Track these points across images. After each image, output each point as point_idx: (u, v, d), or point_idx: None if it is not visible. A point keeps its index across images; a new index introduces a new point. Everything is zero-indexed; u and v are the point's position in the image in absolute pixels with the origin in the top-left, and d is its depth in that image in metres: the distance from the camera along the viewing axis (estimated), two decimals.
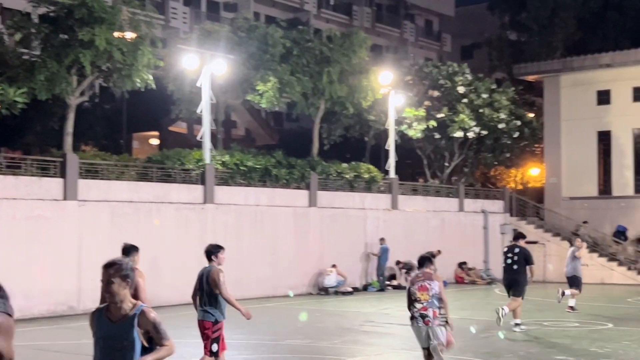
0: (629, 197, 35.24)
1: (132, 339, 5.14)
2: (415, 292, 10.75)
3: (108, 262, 5.30)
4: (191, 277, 23.81)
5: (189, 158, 24.11)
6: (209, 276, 10.30)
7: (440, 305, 10.59)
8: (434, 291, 10.61)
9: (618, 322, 18.28)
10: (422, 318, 10.60)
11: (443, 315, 10.59)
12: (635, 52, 35.04)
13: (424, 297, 10.72)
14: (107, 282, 5.21)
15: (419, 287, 10.80)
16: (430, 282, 10.76)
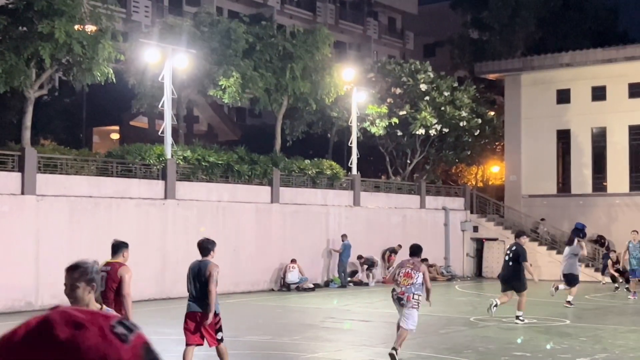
0: (587, 195, 35.77)
1: None
2: (400, 276, 12.03)
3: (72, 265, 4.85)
4: (152, 273, 23.77)
5: (150, 153, 23.90)
6: (206, 269, 10.60)
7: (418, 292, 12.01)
8: (416, 281, 11.93)
9: (575, 319, 18.55)
10: (398, 300, 12.10)
11: (417, 300, 11.97)
12: (595, 51, 35.55)
13: (404, 282, 12.02)
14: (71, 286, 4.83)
15: (404, 272, 12.08)
16: (416, 272, 12.02)
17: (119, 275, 9.66)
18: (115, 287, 9.68)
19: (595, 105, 35.64)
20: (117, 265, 9.82)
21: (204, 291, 10.52)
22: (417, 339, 15.03)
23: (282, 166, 27.96)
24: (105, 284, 9.61)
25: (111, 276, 9.66)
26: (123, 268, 9.78)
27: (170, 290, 23.46)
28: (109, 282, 9.66)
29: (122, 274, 9.67)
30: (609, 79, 35.27)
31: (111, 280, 9.66)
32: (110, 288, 9.66)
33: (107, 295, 9.59)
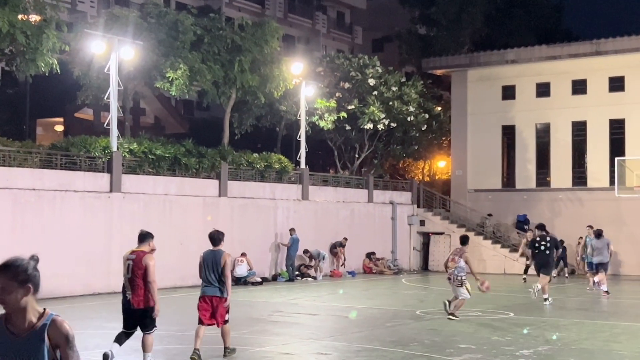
0: (531, 190, 36.41)
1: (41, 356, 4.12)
2: (448, 261, 16.64)
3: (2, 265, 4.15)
4: (97, 267, 23.41)
5: (95, 145, 23.56)
6: (220, 258, 11.85)
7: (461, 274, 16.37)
8: (459, 264, 16.37)
9: (519, 312, 18.87)
10: (448, 280, 16.83)
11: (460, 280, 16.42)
12: (539, 48, 36.16)
13: (451, 266, 16.48)
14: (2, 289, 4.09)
15: (451, 258, 16.63)
16: (459, 257, 16.45)
17: (144, 263, 10.62)
18: (141, 273, 10.60)
19: (540, 102, 36.28)
20: (141, 253, 10.81)
21: (220, 277, 11.74)
22: (363, 332, 15.12)
23: (230, 160, 27.83)
24: (132, 271, 10.61)
25: (136, 264, 10.64)
26: (147, 256, 10.78)
27: (117, 284, 23.12)
28: (135, 269, 10.62)
29: (147, 261, 10.65)
30: (553, 75, 35.93)
31: (137, 268, 10.62)
32: (137, 275, 10.61)
33: (134, 281, 10.61)
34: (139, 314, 10.78)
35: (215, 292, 11.74)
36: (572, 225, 34.54)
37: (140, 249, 10.97)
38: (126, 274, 10.76)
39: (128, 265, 10.73)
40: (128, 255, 10.94)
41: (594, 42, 34.67)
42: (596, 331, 15.47)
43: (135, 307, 10.72)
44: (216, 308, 11.74)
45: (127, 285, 10.78)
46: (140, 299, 10.70)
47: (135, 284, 10.63)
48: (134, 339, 11.19)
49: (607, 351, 12.89)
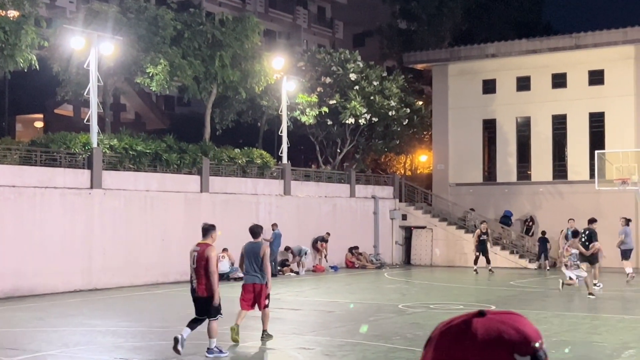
0: (512, 183, 36.57)
1: None
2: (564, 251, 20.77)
3: None
4: (78, 264, 23.28)
5: (76, 142, 23.40)
6: (260, 249, 13.25)
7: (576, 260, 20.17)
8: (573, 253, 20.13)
9: (501, 304, 18.97)
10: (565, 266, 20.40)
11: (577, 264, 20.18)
12: (519, 42, 36.29)
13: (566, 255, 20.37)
14: None
15: (565, 249, 20.62)
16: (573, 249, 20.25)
17: (206, 254, 11.53)
18: (204, 264, 11.52)
19: (520, 95, 36.42)
20: (204, 245, 11.71)
21: (260, 266, 13.13)
22: (346, 326, 15.15)
23: (211, 155, 27.75)
24: (197, 262, 11.57)
25: (200, 255, 11.59)
26: (209, 248, 11.66)
27: (97, 281, 23.08)
28: (199, 260, 11.58)
29: (208, 253, 11.55)
30: (533, 69, 36.08)
31: (200, 259, 11.57)
32: (201, 265, 11.54)
33: (198, 271, 11.57)
34: (203, 302, 11.68)
35: (255, 280, 13.19)
36: (553, 218, 34.74)
37: (204, 241, 11.85)
38: (192, 264, 11.72)
39: (193, 256, 11.69)
40: (194, 247, 11.89)
41: (574, 36, 34.85)
42: (577, 323, 15.58)
43: (199, 295, 11.69)
44: (258, 294, 13.14)
45: (192, 275, 11.78)
46: (204, 287, 11.63)
47: (199, 274, 11.60)
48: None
49: (588, 343, 12.99)
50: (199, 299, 11.74)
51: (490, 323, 1.45)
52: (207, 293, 11.63)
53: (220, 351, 11.85)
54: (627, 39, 33.72)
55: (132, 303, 19.76)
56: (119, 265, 23.78)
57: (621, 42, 33.86)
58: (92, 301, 19.89)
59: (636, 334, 14.04)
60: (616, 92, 34.18)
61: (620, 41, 33.87)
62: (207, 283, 11.58)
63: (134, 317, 16.47)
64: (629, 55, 33.96)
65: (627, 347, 12.59)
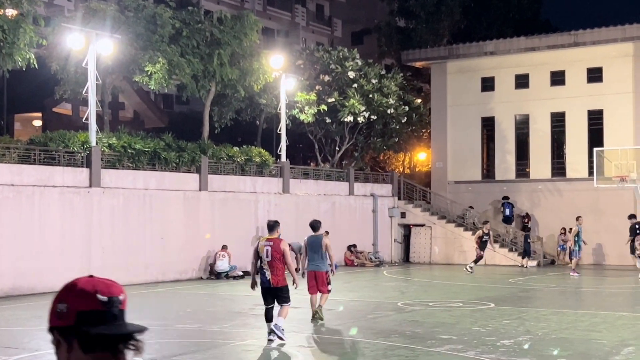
0: (511, 181, 36.58)
1: None
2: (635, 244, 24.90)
3: None
4: (77, 263, 23.25)
5: (74, 140, 23.38)
6: (321, 241, 15.24)
7: None
8: None
9: (499, 302, 18.98)
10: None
11: None
12: (518, 40, 36.29)
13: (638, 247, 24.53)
14: None
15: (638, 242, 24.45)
16: None
17: (282, 248, 12.57)
18: (280, 257, 12.52)
19: (519, 93, 36.43)
20: (277, 240, 12.67)
21: (321, 256, 15.15)
22: (345, 324, 15.16)
23: (210, 153, 27.74)
24: (272, 255, 12.51)
25: (275, 248, 12.53)
26: (283, 242, 12.73)
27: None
28: (275, 253, 12.52)
29: (284, 247, 12.60)
30: (531, 67, 36.09)
31: (276, 252, 12.51)
32: (276, 258, 12.51)
33: (273, 264, 12.50)
34: (277, 291, 12.66)
35: (317, 268, 15.15)
36: (551, 216, 34.80)
37: (273, 236, 12.78)
38: (266, 257, 12.57)
39: (267, 250, 12.56)
40: (264, 242, 12.73)
41: (572, 34, 34.85)
42: (576, 321, 15.60)
43: (274, 286, 12.59)
44: (319, 279, 15.09)
45: (266, 267, 12.60)
46: (279, 278, 12.60)
47: (274, 267, 12.53)
48: None
49: (587, 340, 13.01)
50: (275, 289, 12.63)
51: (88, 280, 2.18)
52: (281, 283, 12.64)
53: (283, 330, 12.61)
54: (625, 37, 33.73)
55: (131, 301, 19.61)
56: (118, 264, 23.77)
57: (620, 39, 33.87)
58: None
59: (635, 332, 14.06)
60: (615, 89, 34.19)
61: (619, 38, 33.88)
62: (282, 274, 12.61)
63: (133, 316, 16.37)
64: (627, 53, 33.96)
65: (625, 344, 12.61)
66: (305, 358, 11.57)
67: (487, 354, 11.63)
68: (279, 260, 12.55)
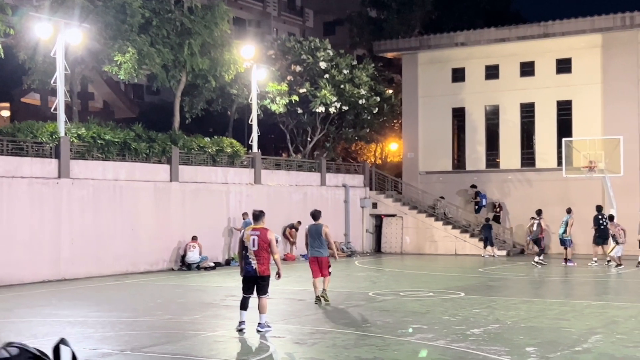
0: (481, 171, 36.83)
1: None
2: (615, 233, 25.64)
3: None
4: (46, 255, 23.05)
5: (43, 131, 23.14)
6: (321, 229, 16.56)
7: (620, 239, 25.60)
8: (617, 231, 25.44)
9: (469, 291, 19.13)
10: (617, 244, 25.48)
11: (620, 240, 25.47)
12: (488, 31, 36.48)
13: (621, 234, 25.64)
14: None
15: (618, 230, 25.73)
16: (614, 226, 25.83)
17: (269, 237, 12.66)
18: (266, 246, 12.63)
19: (489, 84, 36.65)
20: (264, 230, 12.73)
21: (321, 243, 16.56)
22: (317, 314, 15.19)
23: (181, 144, 27.59)
24: (258, 244, 12.61)
25: (262, 238, 12.64)
26: (270, 232, 12.80)
27: (66, 271, 22.89)
28: (261, 242, 12.62)
29: (270, 237, 12.71)
30: (501, 58, 36.32)
31: (262, 242, 12.62)
32: (263, 247, 12.62)
33: (260, 253, 12.62)
34: (261, 280, 12.74)
35: (319, 254, 16.60)
36: (521, 206, 35.10)
37: (259, 226, 12.85)
38: (252, 247, 12.67)
39: (253, 240, 12.65)
40: (250, 232, 12.77)
41: (542, 25, 35.11)
42: (545, 309, 15.76)
43: (259, 275, 12.69)
44: (321, 264, 16.55)
45: (252, 257, 12.69)
46: (264, 267, 12.70)
47: (261, 256, 12.64)
48: None
49: (556, 329, 13.15)
50: (257, 277, 12.71)
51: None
52: (266, 273, 12.73)
53: (269, 326, 12.79)
54: (594, 28, 34.06)
55: (102, 293, 19.64)
56: (88, 255, 23.60)
57: (589, 30, 34.19)
58: (60, 291, 19.73)
59: (602, 320, 14.25)
60: (583, 80, 34.53)
61: (588, 30, 34.20)
62: (267, 264, 12.71)
63: (103, 308, 16.37)
64: (596, 44, 34.30)
65: (593, 332, 12.77)
66: (276, 349, 11.58)
67: (457, 343, 11.72)
68: (265, 250, 12.67)
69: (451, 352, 11.09)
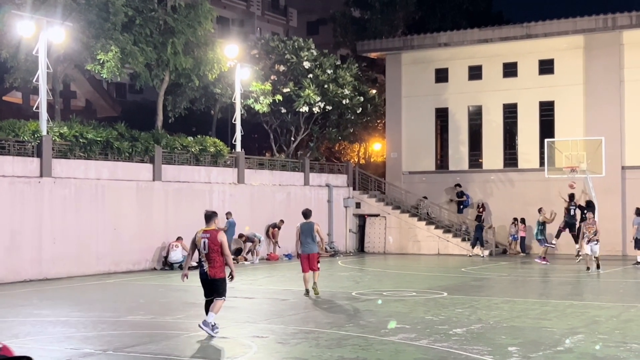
0: (464, 171, 36.96)
1: None
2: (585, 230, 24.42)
3: None
4: (27, 254, 22.89)
5: (25, 129, 22.99)
6: (313, 227, 17.68)
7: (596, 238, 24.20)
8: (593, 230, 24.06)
9: (452, 291, 19.19)
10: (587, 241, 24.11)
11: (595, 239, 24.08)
12: (471, 32, 36.61)
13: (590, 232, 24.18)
14: None
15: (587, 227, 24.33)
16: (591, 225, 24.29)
17: (219, 239, 12.24)
18: (217, 249, 12.25)
19: (472, 84, 36.79)
20: (214, 232, 12.37)
21: (312, 240, 17.66)
22: (300, 314, 15.19)
23: (164, 143, 27.49)
24: (209, 247, 12.26)
25: (212, 240, 12.26)
26: (220, 233, 12.40)
27: (48, 271, 22.76)
28: (212, 245, 12.26)
29: (221, 239, 12.28)
30: (484, 58, 36.46)
31: (213, 244, 12.25)
32: (213, 250, 12.26)
33: (210, 255, 12.29)
34: (214, 283, 12.44)
35: (310, 250, 17.72)
36: (503, 206, 35.26)
37: (210, 228, 12.46)
38: (203, 249, 12.34)
39: (204, 242, 12.31)
40: (201, 234, 12.44)
41: (525, 26, 35.28)
42: (527, 309, 15.84)
43: (211, 278, 12.38)
44: (311, 260, 17.71)
45: (204, 259, 12.40)
46: (217, 270, 12.35)
47: (212, 258, 12.30)
48: None
49: (538, 328, 13.22)
50: (212, 280, 12.44)
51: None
52: (219, 275, 12.41)
53: (214, 328, 12.39)
54: (576, 29, 34.27)
55: (83, 293, 19.54)
56: (70, 255, 23.48)
57: (571, 31, 34.39)
58: (42, 291, 19.61)
59: (584, 319, 14.34)
60: (566, 81, 34.74)
61: (570, 31, 34.40)
62: (219, 266, 12.38)
63: (85, 307, 16.29)
64: (578, 45, 34.51)
65: (575, 332, 12.85)
66: (259, 349, 11.56)
67: (440, 342, 11.76)
68: (217, 252, 12.30)
69: (434, 351, 11.12)
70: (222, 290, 12.59)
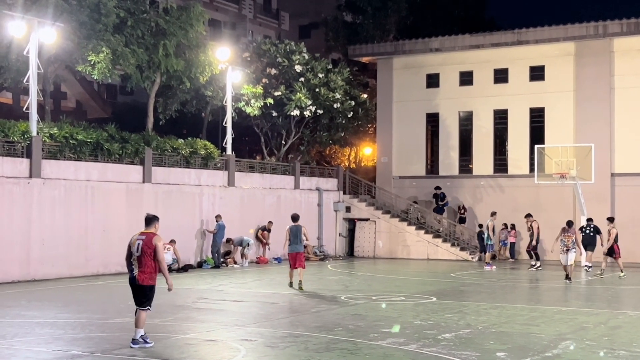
0: (454, 176, 37.04)
1: None
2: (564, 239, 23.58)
3: None
4: (16, 255, 22.79)
5: (14, 130, 22.89)
6: (301, 229, 20.34)
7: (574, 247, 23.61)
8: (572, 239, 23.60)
9: (441, 296, 19.21)
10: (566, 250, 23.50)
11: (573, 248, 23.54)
12: (463, 37, 36.71)
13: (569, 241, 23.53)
14: None
15: (566, 236, 23.56)
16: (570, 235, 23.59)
17: (154, 243, 11.62)
18: (150, 252, 11.61)
19: (463, 90, 36.88)
20: (150, 235, 11.76)
21: (300, 241, 20.31)
22: (289, 318, 15.18)
23: (154, 145, 27.43)
24: (142, 250, 11.63)
25: (146, 243, 11.63)
26: (156, 237, 11.75)
27: (36, 272, 22.67)
28: (145, 248, 11.63)
29: (156, 242, 11.65)
30: (476, 64, 36.57)
31: (147, 247, 11.62)
32: (146, 253, 11.61)
33: (142, 259, 11.61)
34: (140, 290, 11.75)
35: (297, 249, 20.39)
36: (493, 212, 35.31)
37: (148, 231, 11.89)
38: (135, 252, 11.71)
39: (138, 244, 11.70)
40: (137, 236, 11.89)
41: (516, 32, 35.41)
42: (516, 315, 15.88)
43: (139, 283, 11.70)
44: (298, 258, 20.40)
45: (135, 263, 11.74)
46: (146, 276, 11.67)
47: (142, 262, 11.64)
48: None
49: (526, 334, 13.26)
50: (139, 287, 11.73)
51: None
52: (147, 282, 11.68)
53: (146, 341, 11.73)
54: (567, 36, 34.42)
55: (72, 294, 19.47)
56: (59, 256, 23.39)
57: (562, 38, 34.54)
58: (30, 292, 19.53)
59: (572, 326, 14.39)
60: (556, 88, 34.87)
61: (561, 38, 34.55)
62: (150, 272, 11.65)
63: (73, 309, 16.23)
64: (569, 52, 34.66)
65: (563, 338, 12.89)
66: (248, 352, 11.55)
67: (429, 347, 11.77)
68: (149, 256, 11.58)
69: (422, 356, 11.13)
70: (146, 300, 11.78)
